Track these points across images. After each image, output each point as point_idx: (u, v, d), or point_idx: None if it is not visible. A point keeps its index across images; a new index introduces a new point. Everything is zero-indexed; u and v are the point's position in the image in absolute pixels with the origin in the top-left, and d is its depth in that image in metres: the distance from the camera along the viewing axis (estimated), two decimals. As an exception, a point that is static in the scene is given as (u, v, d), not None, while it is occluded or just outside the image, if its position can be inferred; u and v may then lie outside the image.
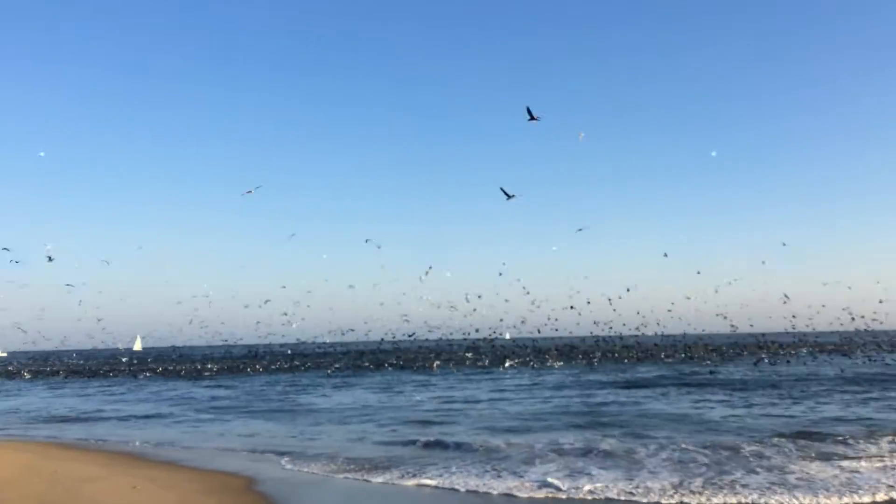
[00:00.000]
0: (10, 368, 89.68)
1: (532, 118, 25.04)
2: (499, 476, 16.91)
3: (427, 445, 21.88)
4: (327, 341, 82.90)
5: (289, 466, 18.85)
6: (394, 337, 74.79)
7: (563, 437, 22.57)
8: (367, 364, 73.19)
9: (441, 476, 16.98)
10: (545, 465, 18.17)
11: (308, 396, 40.70)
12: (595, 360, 68.31)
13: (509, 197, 28.86)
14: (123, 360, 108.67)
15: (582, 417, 27.97)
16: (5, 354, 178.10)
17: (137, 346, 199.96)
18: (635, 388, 39.76)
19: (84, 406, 39.24)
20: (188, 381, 58.69)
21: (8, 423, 31.84)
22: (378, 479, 16.93)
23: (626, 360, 66.91)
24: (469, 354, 77.62)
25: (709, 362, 63.03)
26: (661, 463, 18.07)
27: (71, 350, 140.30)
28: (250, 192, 28.17)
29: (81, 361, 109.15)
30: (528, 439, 22.35)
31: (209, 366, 78.07)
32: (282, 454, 20.74)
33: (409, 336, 73.03)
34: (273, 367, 73.18)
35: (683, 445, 20.20)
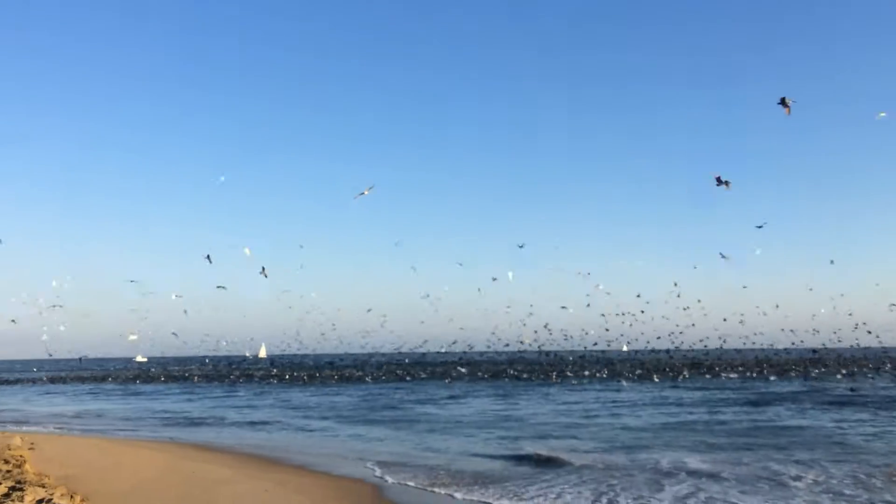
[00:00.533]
0: (151, 372, 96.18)
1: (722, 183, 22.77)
2: (614, 501, 15.79)
3: (540, 462, 21.15)
4: (443, 350, 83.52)
5: (408, 478, 18.89)
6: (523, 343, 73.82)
7: (689, 456, 21.47)
8: (483, 374, 73.15)
9: (543, 497, 16.06)
10: (674, 486, 17.20)
11: (426, 406, 40.96)
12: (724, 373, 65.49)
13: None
14: (255, 367, 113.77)
15: (709, 435, 26.59)
16: (146, 360, 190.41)
17: (262, 354, 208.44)
18: (765, 406, 37.52)
19: (214, 410, 41.24)
20: (309, 387, 60.71)
21: (144, 424, 33.87)
22: (481, 496, 16.36)
23: (753, 375, 63.66)
24: (586, 368, 76.13)
25: (842, 375, 59.07)
26: (811, 490, 16.57)
27: (203, 356, 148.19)
28: (363, 193, 26.86)
29: (211, 367, 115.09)
30: (651, 456, 21.41)
31: (329, 373, 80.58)
32: (402, 464, 20.82)
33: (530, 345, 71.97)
34: (384, 376, 74.72)
35: (833, 470, 18.67)
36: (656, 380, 59.54)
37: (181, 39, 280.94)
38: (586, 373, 68.99)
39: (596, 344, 65.70)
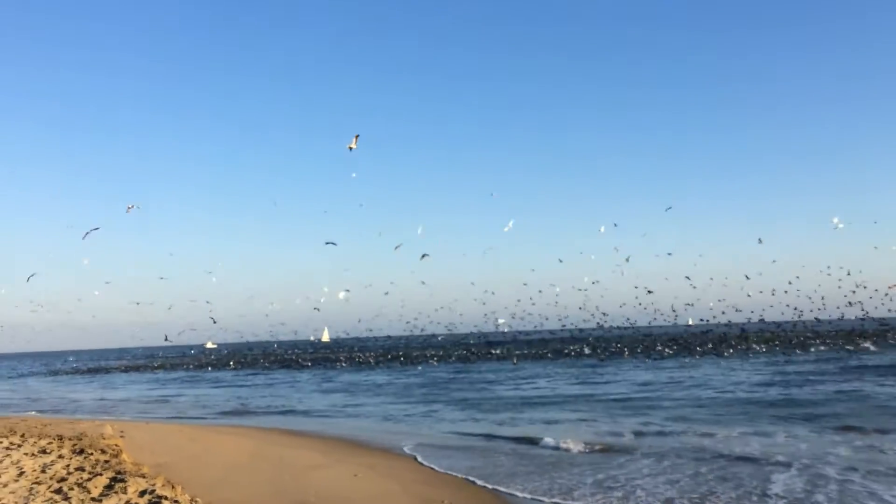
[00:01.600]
0: (218, 357, 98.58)
1: None
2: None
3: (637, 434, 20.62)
4: (505, 329, 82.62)
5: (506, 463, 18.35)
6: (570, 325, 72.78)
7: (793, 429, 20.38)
8: (548, 353, 72.34)
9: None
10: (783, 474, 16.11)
11: (502, 387, 40.38)
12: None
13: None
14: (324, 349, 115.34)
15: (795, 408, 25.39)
16: (215, 346, 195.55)
17: (325, 338, 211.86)
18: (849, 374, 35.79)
19: (297, 395, 41.64)
20: (378, 370, 60.96)
21: (226, 410, 34.28)
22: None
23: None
24: (659, 344, 74.51)
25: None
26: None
27: (272, 342, 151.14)
28: (352, 147, 26.73)
29: (281, 350, 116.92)
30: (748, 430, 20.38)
31: (396, 353, 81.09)
32: (493, 451, 20.22)
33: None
34: (452, 356, 74.61)
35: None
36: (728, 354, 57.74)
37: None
38: (658, 349, 67.44)
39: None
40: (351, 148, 25.97)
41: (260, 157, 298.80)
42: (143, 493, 10.55)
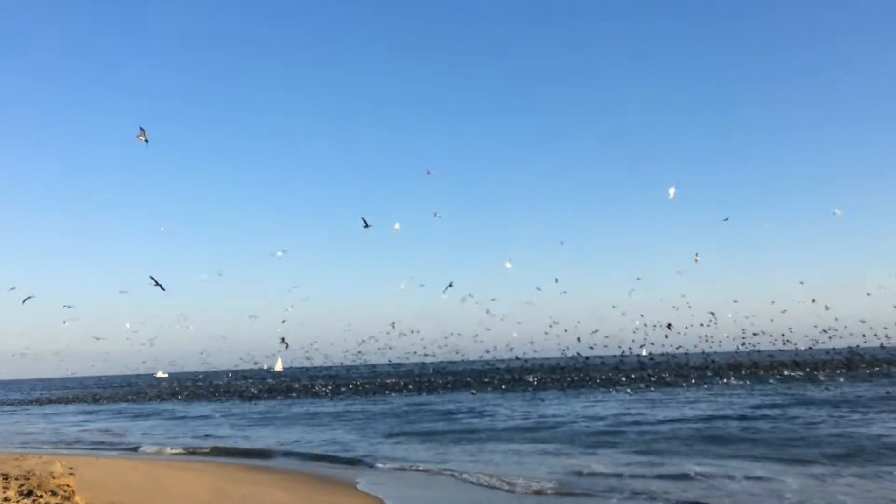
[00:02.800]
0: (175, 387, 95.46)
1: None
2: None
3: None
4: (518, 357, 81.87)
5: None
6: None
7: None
8: (502, 385, 71.82)
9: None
10: None
11: (463, 418, 39.62)
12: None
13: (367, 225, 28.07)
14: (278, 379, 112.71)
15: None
16: (166, 375, 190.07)
17: (278, 367, 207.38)
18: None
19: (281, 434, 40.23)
20: (336, 400, 59.57)
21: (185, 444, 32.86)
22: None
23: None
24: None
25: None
26: None
27: (225, 370, 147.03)
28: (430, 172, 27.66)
29: (240, 381, 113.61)
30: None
31: (353, 382, 79.57)
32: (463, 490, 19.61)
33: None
34: (412, 385, 73.60)
35: None
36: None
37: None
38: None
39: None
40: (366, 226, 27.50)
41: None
42: (101, 541, 9.67)
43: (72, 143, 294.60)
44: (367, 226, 27.81)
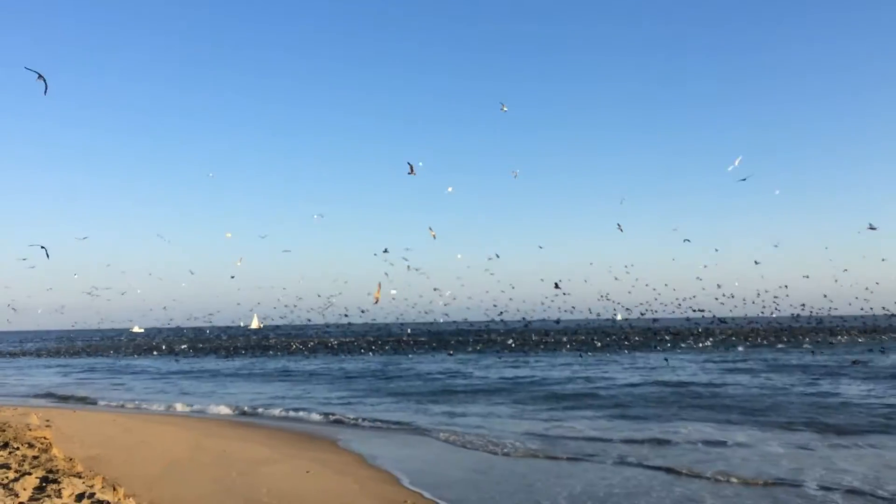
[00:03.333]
0: (154, 343, 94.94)
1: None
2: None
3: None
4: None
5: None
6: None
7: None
8: (478, 345, 72.27)
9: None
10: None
11: (456, 378, 39.81)
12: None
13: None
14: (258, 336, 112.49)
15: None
16: (142, 330, 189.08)
17: (255, 325, 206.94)
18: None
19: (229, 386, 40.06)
20: (312, 357, 59.58)
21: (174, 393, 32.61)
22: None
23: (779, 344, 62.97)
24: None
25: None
26: None
27: (204, 327, 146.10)
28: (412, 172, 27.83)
29: (225, 338, 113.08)
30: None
31: (329, 342, 79.65)
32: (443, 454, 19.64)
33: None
34: (386, 345, 73.81)
35: None
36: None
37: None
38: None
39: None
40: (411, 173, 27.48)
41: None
42: (80, 498, 9.46)
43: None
44: (412, 171, 27.69)
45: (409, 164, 25.90)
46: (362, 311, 48.63)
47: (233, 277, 58.44)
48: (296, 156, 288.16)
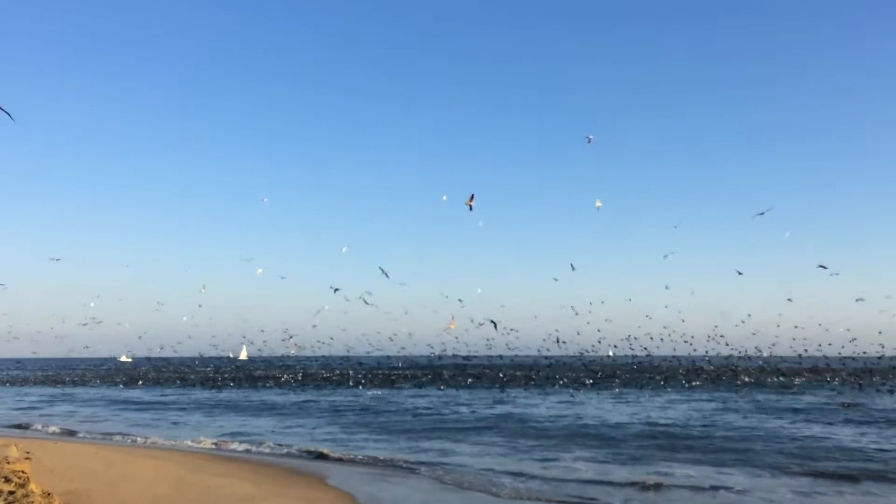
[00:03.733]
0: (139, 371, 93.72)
1: None
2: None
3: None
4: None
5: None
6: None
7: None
8: (468, 380, 71.72)
9: None
10: None
11: (433, 413, 39.35)
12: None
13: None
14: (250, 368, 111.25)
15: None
16: (130, 360, 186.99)
17: (243, 356, 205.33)
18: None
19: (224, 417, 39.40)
20: (300, 390, 58.83)
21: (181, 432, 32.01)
22: None
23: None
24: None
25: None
26: None
27: (193, 357, 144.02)
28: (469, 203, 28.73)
29: (211, 369, 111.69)
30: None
31: (322, 374, 78.79)
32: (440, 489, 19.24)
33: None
34: (377, 378, 73.01)
35: None
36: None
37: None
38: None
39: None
40: (470, 206, 27.71)
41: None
42: (58, 534, 9.11)
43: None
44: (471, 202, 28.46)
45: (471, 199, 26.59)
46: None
47: (200, 306, 58.83)
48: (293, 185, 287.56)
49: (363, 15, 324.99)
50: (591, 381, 67.51)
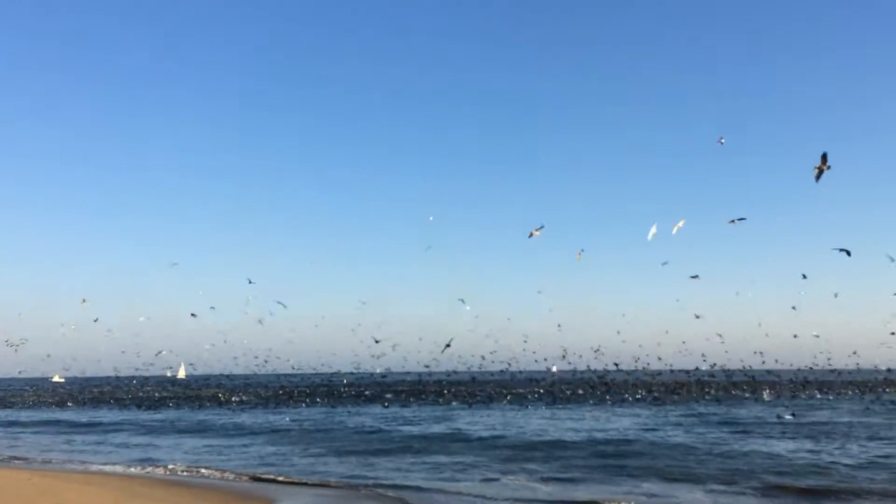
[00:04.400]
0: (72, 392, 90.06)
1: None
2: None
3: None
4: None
5: None
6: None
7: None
8: (410, 398, 71.37)
9: None
10: None
11: (379, 431, 38.88)
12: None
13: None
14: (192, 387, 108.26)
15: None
16: (63, 380, 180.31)
17: (182, 374, 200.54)
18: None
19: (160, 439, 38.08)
20: (247, 410, 57.48)
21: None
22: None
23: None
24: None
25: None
26: None
27: (130, 377, 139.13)
28: (535, 232, 30.37)
29: (149, 388, 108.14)
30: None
31: (259, 393, 77.15)
32: None
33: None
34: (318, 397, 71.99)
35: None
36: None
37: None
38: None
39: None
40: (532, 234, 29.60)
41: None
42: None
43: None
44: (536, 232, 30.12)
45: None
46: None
47: (96, 320, 57.15)
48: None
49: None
50: (535, 395, 67.90)
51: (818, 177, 21.60)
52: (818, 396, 64.75)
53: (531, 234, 31.62)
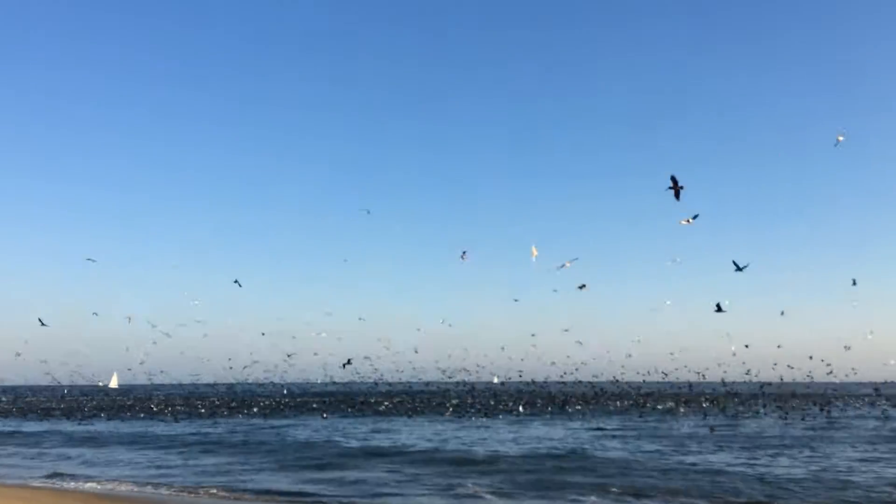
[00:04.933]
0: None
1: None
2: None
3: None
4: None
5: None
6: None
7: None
8: (349, 408, 70.83)
9: None
10: None
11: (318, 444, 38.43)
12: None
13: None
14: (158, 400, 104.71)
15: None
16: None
17: (113, 383, 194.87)
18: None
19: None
20: (182, 421, 55.98)
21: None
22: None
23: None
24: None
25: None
26: None
27: (61, 386, 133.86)
28: (566, 265, 30.40)
29: (84, 398, 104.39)
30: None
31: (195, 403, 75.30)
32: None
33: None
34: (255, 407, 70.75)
35: None
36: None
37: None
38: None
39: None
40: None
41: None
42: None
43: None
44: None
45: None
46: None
47: (45, 324, 52.42)
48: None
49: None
50: (476, 408, 68.18)
51: (677, 195, 23.31)
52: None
53: (563, 266, 31.71)
